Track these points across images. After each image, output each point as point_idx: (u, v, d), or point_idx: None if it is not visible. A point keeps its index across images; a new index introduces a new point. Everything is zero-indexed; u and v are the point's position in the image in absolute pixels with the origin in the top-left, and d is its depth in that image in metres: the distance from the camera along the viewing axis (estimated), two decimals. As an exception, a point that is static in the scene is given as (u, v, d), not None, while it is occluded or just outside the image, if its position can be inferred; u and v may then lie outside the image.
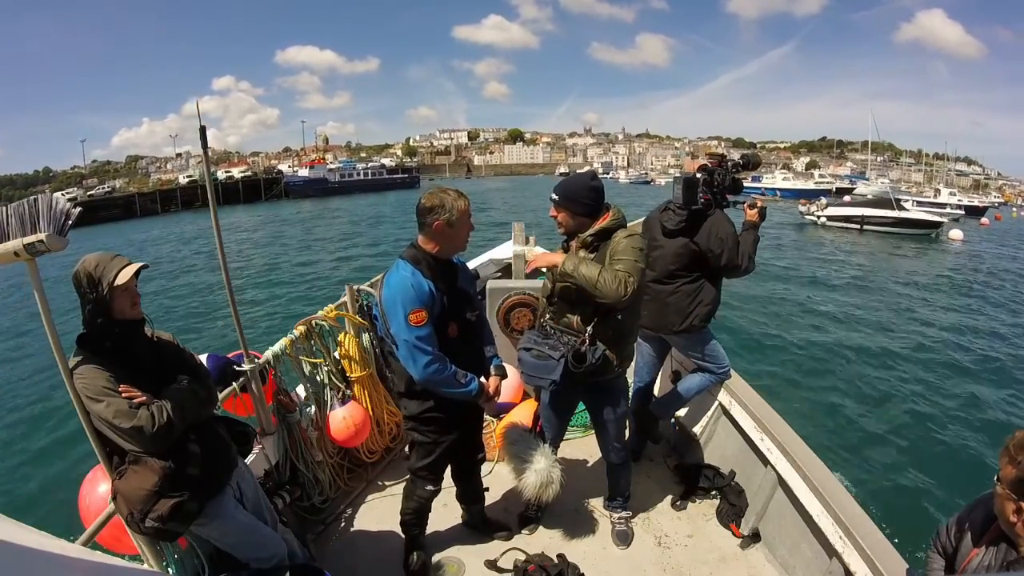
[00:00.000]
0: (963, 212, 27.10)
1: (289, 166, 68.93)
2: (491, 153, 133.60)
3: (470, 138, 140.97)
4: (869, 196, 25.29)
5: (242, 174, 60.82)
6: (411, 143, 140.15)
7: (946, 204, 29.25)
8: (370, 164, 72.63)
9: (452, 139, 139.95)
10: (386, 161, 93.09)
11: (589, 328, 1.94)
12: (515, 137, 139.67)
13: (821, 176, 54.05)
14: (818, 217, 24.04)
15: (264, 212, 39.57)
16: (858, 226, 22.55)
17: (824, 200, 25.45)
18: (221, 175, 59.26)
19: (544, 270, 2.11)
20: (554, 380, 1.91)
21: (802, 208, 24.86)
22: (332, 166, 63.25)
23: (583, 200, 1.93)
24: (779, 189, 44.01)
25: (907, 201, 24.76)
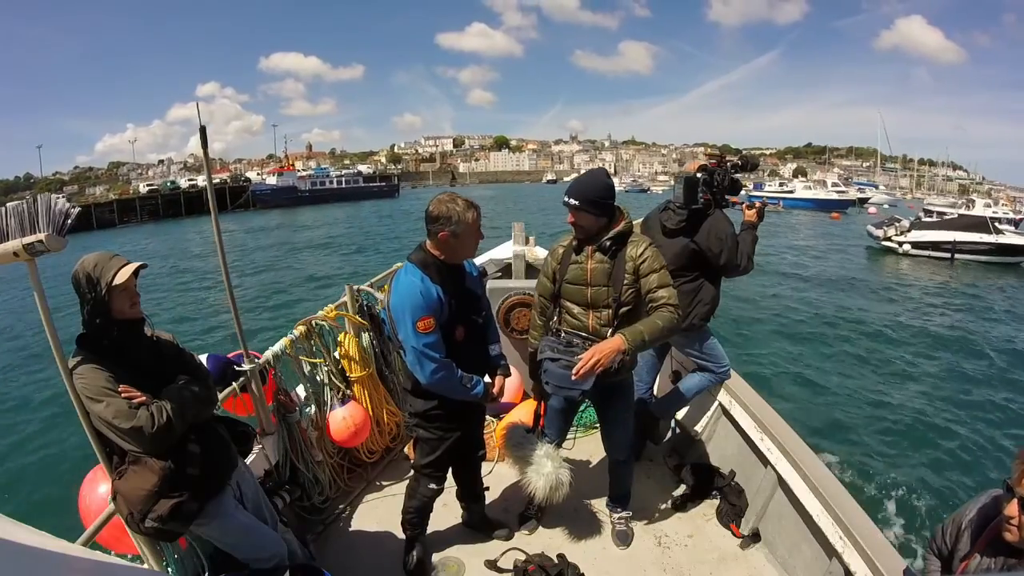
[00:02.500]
0: (1014, 227, 20.75)
1: (257, 173, 62.89)
2: (476, 160, 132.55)
3: (455, 145, 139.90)
4: (955, 214, 19.34)
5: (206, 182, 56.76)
6: (396, 150, 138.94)
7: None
8: (344, 171, 66.68)
9: (437, 146, 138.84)
10: (363, 168, 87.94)
11: (609, 332, 1.90)
12: (501, 144, 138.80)
13: (834, 184, 46.06)
14: (900, 244, 19.05)
15: (226, 225, 33.06)
16: (948, 255, 18.05)
17: (905, 222, 19.91)
18: (184, 183, 54.55)
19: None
20: (585, 390, 1.89)
21: (876, 231, 19.95)
22: (302, 173, 58.09)
23: (603, 200, 1.88)
24: (800, 199, 39.16)
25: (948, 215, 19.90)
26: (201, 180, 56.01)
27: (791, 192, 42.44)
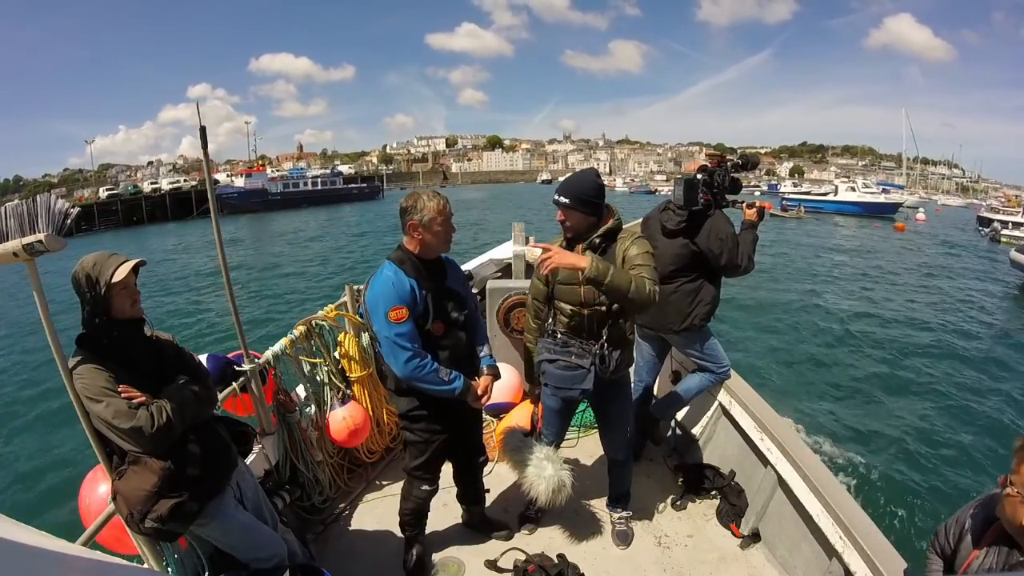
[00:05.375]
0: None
1: (227, 175, 55.48)
2: (469, 160, 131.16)
3: (448, 145, 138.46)
4: None
5: (172, 185, 50.39)
6: (388, 150, 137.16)
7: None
8: (320, 172, 60.52)
9: (430, 146, 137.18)
10: (344, 168, 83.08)
11: (605, 330, 1.91)
12: (494, 144, 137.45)
13: (865, 186, 37.98)
14: None
15: (187, 234, 30.44)
16: None
17: None
18: (147, 187, 51.24)
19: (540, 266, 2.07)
20: (586, 389, 1.90)
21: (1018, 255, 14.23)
22: (274, 174, 52.85)
23: (593, 200, 1.88)
24: (843, 203, 33.48)
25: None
26: (166, 183, 52.40)
27: (825, 195, 36.90)
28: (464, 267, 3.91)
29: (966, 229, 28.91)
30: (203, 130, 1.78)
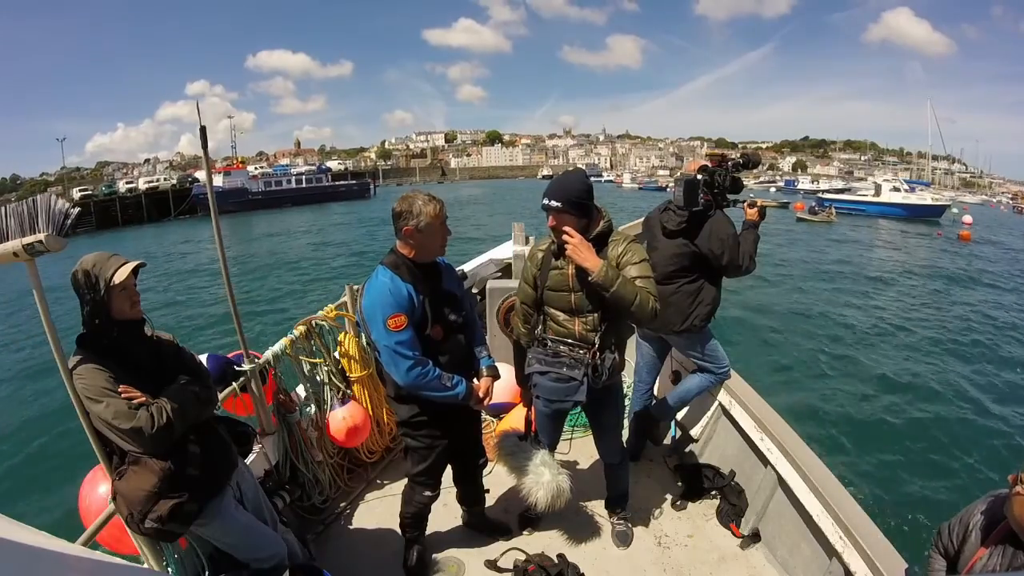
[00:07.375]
0: None
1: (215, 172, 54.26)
2: (469, 155, 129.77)
3: (447, 140, 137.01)
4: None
5: (148, 185, 47.19)
6: (387, 146, 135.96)
7: None
8: (305, 168, 55.56)
9: (429, 141, 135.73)
10: (334, 164, 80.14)
11: (597, 338, 1.87)
12: (493, 139, 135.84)
13: (889, 179, 32.74)
14: None
15: (167, 238, 28.00)
16: None
17: None
18: (122, 187, 48.23)
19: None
20: (580, 401, 1.88)
21: None
22: (255, 171, 49.37)
23: (583, 202, 1.81)
24: (886, 205, 29.05)
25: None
26: (142, 183, 49.72)
27: (841, 191, 32.59)
28: (463, 268, 3.92)
29: (1013, 232, 26.43)
30: (203, 130, 1.78)
